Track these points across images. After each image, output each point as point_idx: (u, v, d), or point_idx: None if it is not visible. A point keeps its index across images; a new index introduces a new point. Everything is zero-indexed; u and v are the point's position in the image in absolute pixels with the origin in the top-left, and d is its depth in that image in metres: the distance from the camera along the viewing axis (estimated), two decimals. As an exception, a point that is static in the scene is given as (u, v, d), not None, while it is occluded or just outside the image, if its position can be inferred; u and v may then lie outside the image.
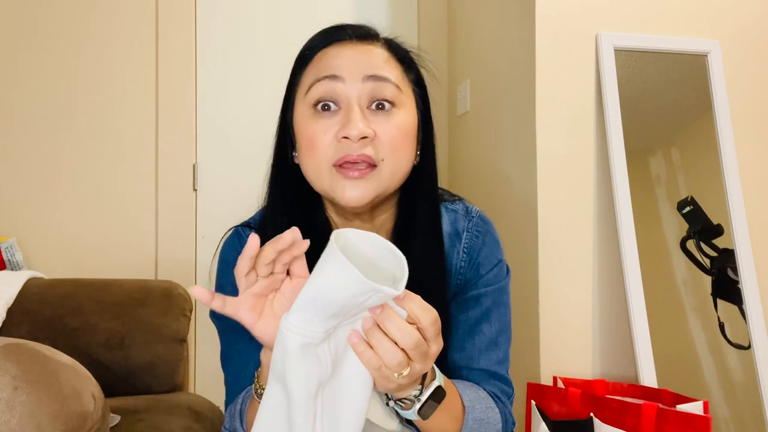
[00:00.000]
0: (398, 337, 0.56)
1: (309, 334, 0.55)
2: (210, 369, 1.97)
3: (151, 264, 1.97)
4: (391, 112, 0.74)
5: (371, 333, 0.57)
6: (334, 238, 0.54)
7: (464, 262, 0.84)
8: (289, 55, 0.82)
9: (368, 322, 0.57)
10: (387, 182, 0.75)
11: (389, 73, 0.75)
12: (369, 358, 0.57)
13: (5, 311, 1.41)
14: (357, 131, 0.70)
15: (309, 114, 0.74)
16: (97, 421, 0.90)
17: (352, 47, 0.76)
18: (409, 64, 0.80)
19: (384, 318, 0.56)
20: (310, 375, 0.56)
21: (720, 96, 1.56)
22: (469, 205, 0.89)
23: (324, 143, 0.73)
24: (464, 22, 2.04)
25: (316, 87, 0.74)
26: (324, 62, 0.75)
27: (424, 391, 0.64)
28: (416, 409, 0.65)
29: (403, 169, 0.77)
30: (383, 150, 0.73)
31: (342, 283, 0.52)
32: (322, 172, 0.74)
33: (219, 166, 2.04)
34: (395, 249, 0.57)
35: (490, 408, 0.79)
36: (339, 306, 0.54)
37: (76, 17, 1.96)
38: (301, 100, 0.76)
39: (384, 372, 0.57)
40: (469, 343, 0.83)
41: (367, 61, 0.74)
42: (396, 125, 0.74)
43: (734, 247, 1.49)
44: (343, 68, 0.73)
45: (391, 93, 0.74)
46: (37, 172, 1.93)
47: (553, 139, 1.51)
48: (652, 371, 1.36)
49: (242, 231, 0.86)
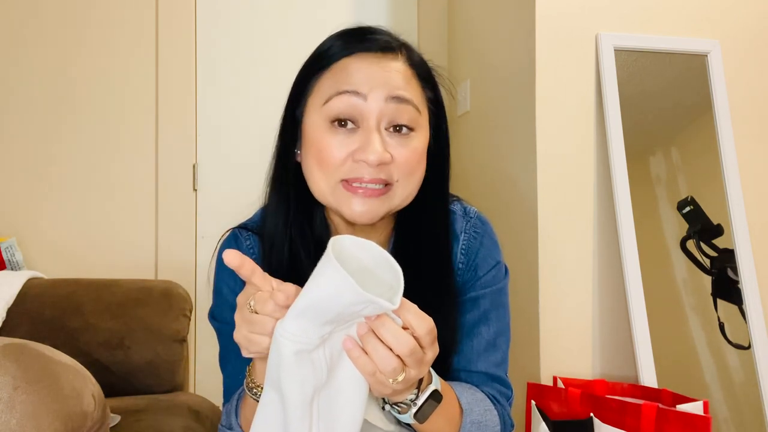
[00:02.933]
0: (393, 344, 0.56)
1: (304, 340, 0.55)
2: (210, 369, 1.97)
3: (151, 264, 1.97)
4: (408, 136, 0.74)
5: (366, 339, 0.57)
6: (331, 246, 0.54)
7: (462, 264, 0.84)
8: (290, 55, 0.81)
9: (363, 327, 0.57)
10: (398, 203, 0.75)
11: (411, 94, 0.74)
12: (364, 364, 0.57)
13: (5, 311, 1.41)
14: (375, 156, 0.70)
15: (325, 127, 0.73)
16: (97, 421, 0.90)
17: (376, 62, 0.74)
18: (427, 81, 0.79)
19: (379, 324, 0.56)
20: (305, 381, 0.56)
21: (720, 96, 1.56)
22: (467, 206, 0.88)
23: (337, 160, 0.72)
24: (464, 22, 2.04)
25: (336, 100, 0.72)
26: (345, 74, 0.73)
27: (420, 395, 0.64)
28: (412, 413, 0.64)
29: (414, 191, 0.77)
30: (398, 173, 0.73)
31: (338, 293, 0.52)
32: (328, 185, 0.73)
33: (219, 166, 2.04)
34: (392, 260, 0.56)
35: (488, 410, 0.79)
36: (334, 314, 0.54)
37: (76, 18, 1.96)
38: (316, 109, 0.74)
39: (379, 377, 0.57)
40: (468, 345, 0.82)
41: (391, 80, 0.73)
42: (412, 149, 0.74)
43: (734, 247, 1.49)
44: (365, 85, 0.72)
45: (411, 117, 0.73)
46: (38, 173, 1.93)
47: (553, 139, 1.51)
48: (652, 371, 1.36)
49: (239, 233, 0.86)
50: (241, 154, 2.03)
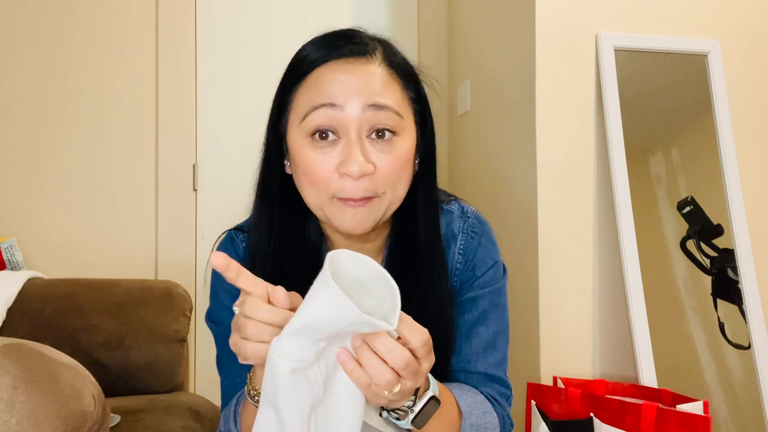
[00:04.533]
0: (388, 358, 0.56)
1: (300, 359, 0.54)
2: (210, 369, 1.96)
3: (151, 264, 1.97)
4: (391, 141, 0.72)
5: (361, 351, 0.56)
6: (328, 262, 0.53)
7: (460, 264, 0.84)
8: (290, 55, 0.80)
9: (357, 339, 0.56)
10: (386, 209, 0.74)
11: (390, 99, 0.71)
12: (359, 377, 0.56)
13: (5, 311, 1.41)
14: (358, 168, 0.68)
15: (307, 142, 0.72)
16: (97, 421, 0.90)
17: (350, 69, 0.71)
18: (408, 79, 0.76)
19: (373, 338, 0.56)
20: (302, 399, 0.55)
21: (720, 96, 1.56)
22: (465, 206, 0.87)
23: (324, 175, 0.71)
24: (464, 23, 2.04)
25: (313, 115, 0.70)
26: (320, 87, 0.71)
27: (417, 401, 0.64)
28: (410, 419, 0.64)
29: (403, 194, 0.75)
30: (383, 183, 0.72)
31: (337, 315, 0.51)
32: (322, 201, 0.73)
33: (219, 166, 2.04)
34: (389, 277, 0.56)
35: (488, 412, 0.78)
36: (331, 333, 0.54)
37: (76, 18, 1.96)
38: (296, 125, 0.73)
39: (374, 389, 0.57)
40: (466, 345, 0.82)
41: (367, 87, 0.70)
42: (396, 155, 0.72)
43: (734, 247, 1.49)
44: (340, 96, 0.70)
45: (392, 122, 0.71)
46: (38, 173, 1.93)
47: (553, 140, 1.51)
48: (652, 371, 1.36)
49: (235, 235, 0.85)
50: (241, 154, 2.03)
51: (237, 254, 0.83)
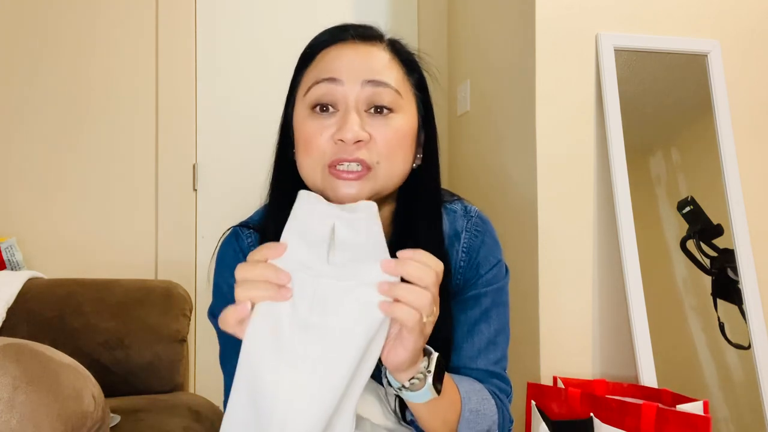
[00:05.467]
0: (419, 276, 0.60)
1: (295, 261, 0.60)
2: (210, 369, 1.97)
3: (151, 264, 1.97)
4: (388, 116, 0.74)
5: (395, 288, 0.59)
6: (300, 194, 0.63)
7: (463, 262, 0.84)
8: (290, 55, 0.81)
9: (385, 285, 0.60)
10: (382, 183, 0.74)
11: (389, 78, 0.74)
12: (407, 312, 0.59)
13: (5, 311, 1.41)
14: (352, 134, 0.70)
15: (306, 114, 0.74)
16: (97, 421, 0.90)
17: (354, 49, 0.75)
18: (411, 67, 0.79)
19: (402, 264, 0.60)
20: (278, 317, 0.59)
21: (720, 96, 1.56)
22: (468, 205, 0.88)
23: (320, 144, 0.73)
24: (464, 22, 2.04)
25: (314, 89, 0.73)
26: (324, 64, 0.75)
27: (429, 360, 0.67)
28: (430, 382, 0.66)
29: (400, 172, 0.76)
30: (378, 153, 0.73)
31: (310, 209, 0.62)
32: (316, 172, 0.74)
33: (219, 166, 2.04)
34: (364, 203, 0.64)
35: (486, 399, 0.79)
36: (314, 229, 0.61)
37: (76, 19, 1.96)
38: (300, 100, 0.76)
39: (422, 321, 0.60)
40: (468, 343, 0.83)
41: (368, 65, 0.74)
42: (393, 129, 0.74)
43: (734, 247, 1.49)
44: (342, 71, 0.73)
45: (390, 98, 0.73)
46: (37, 172, 1.93)
47: (553, 139, 1.51)
48: (652, 371, 1.36)
49: (240, 231, 0.86)
50: (241, 154, 2.03)
51: (241, 250, 0.83)
